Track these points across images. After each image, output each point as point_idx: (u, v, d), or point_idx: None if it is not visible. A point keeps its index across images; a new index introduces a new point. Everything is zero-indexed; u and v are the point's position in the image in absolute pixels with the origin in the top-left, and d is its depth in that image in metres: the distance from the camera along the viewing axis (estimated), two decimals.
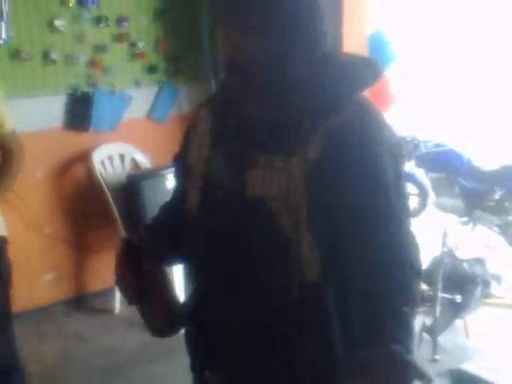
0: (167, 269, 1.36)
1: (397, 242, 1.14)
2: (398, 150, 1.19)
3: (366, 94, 1.25)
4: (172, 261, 1.39)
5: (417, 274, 1.16)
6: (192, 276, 1.34)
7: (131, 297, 1.30)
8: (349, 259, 1.15)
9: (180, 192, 1.35)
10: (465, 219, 4.03)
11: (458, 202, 4.01)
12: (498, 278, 3.46)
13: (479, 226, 4.02)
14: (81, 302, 3.94)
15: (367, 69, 1.22)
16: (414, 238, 1.19)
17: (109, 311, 3.75)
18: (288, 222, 1.14)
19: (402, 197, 1.19)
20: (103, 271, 3.84)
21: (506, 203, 3.87)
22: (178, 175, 1.38)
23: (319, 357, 1.20)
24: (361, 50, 3.52)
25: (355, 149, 1.13)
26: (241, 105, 1.22)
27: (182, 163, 1.33)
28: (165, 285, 1.32)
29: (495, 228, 3.95)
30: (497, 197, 3.87)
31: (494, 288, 3.38)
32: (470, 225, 4.02)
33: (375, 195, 1.14)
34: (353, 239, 1.14)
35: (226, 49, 1.15)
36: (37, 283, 3.73)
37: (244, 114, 1.21)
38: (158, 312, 1.30)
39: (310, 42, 1.16)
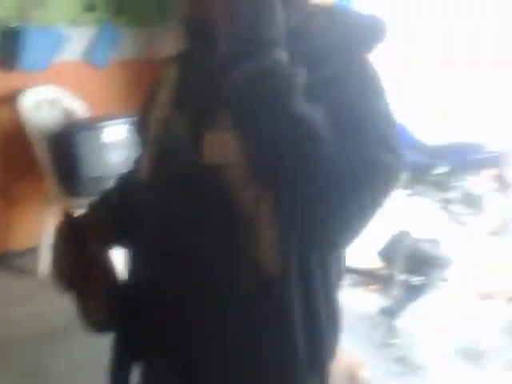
0: (111, 252, 1.15)
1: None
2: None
3: None
4: (119, 243, 1.17)
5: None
6: (134, 259, 1.12)
7: (67, 283, 1.10)
8: None
9: (137, 162, 1.14)
10: (409, 191, 4.07)
11: (403, 175, 4.03)
12: (448, 260, 3.41)
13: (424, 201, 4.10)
14: (2, 260, 3.63)
15: (369, 30, 0.95)
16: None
17: (34, 272, 3.45)
18: (248, 198, 0.91)
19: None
20: (29, 228, 3.58)
21: (448, 179, 3.95)
22: (138, 143, 1.14)
23: (277, 357, 1.00)
24: None
25: (335, 112, 0.84)
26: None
27: (142, 128, 1.09)
28: (107, 271, 1.10)
29: (437, 203, 4.02)
30: (438, 172, 3.92)
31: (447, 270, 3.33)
32: (415, 198, 4.08)
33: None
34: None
35: (187, 3, 0.94)
36: None
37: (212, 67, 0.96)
38: (97, 303, 1.09)
39: None
